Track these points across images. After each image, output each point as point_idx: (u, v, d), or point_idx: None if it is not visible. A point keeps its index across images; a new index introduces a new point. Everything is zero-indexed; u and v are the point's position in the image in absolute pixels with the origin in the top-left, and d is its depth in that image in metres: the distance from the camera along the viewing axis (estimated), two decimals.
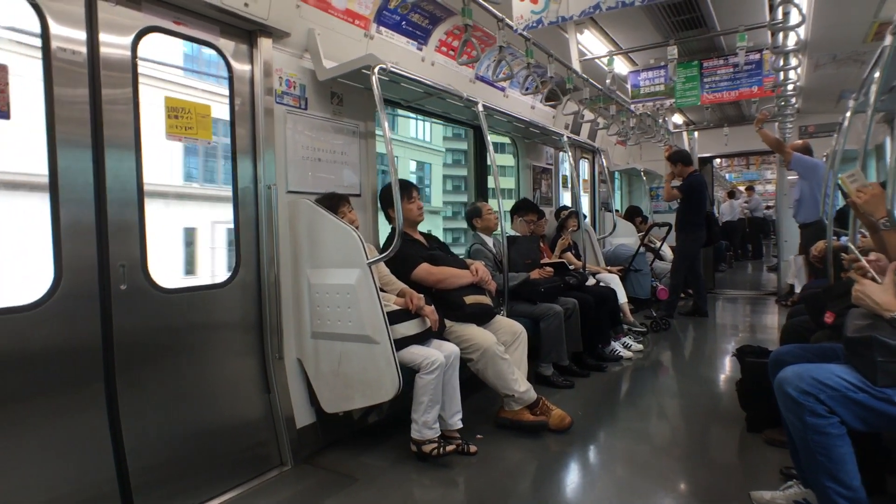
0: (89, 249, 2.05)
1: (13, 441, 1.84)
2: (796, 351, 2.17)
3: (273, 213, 2.65)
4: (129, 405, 2.14)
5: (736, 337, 5.31)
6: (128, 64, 2.18)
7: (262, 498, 2.36)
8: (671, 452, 2.74)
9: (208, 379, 2.46)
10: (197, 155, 10.78)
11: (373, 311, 2.49)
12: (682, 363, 4.60)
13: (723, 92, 5.99)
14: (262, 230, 2.67)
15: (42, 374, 1.91)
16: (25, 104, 1.97)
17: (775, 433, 2.69)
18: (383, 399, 2.53)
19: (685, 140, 8.54)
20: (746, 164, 16.76)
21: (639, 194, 9.20)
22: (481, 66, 4.43)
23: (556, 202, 6.14)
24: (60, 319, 1.96)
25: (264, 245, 2.67)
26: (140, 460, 2.14)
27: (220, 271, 13.32)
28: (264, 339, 2.68)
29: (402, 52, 3.62)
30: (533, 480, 2.52)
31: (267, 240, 2.66)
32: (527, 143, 5.48)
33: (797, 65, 4.37)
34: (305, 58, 2.91)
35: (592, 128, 6.45)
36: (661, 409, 3.43)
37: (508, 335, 3.14)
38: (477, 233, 4.04)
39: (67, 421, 1.97)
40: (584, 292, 4.26)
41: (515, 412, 2.97)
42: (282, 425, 2.64)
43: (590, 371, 4.05)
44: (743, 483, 2.34)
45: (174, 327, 2.33)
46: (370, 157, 3.34)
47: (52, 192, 1.96)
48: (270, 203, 2.65)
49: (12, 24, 2.37)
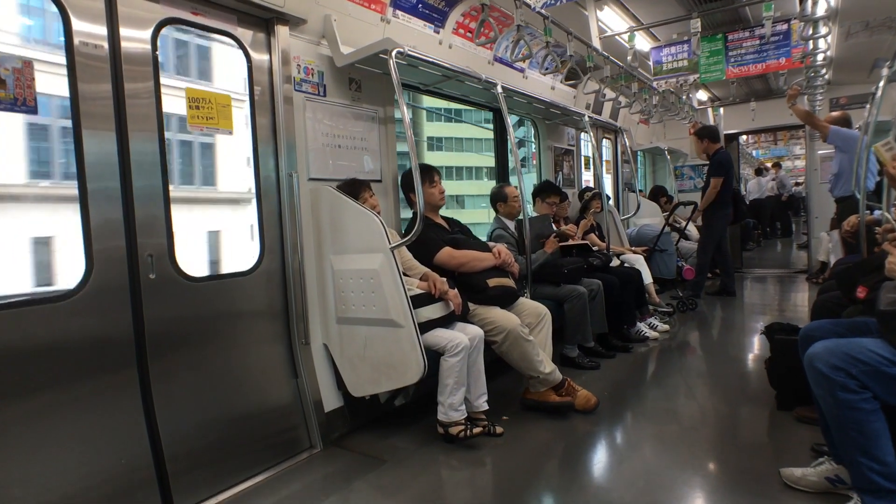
0: (118, 240, 2.10)
1: (52, 427, 1.90)
2: (827, 326, 2.12)
3: (295, 201, 2.67)
4: (163, 392, 2.20)
5: (764, 315, 5.21)
6: (148, 56, 2.21)
7: (294, 480, 2.41)
8: (699, 432, 2.72)
9: (237, 365, 2.51)
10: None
11: (396, 295, 2.51)
12: (709, 343, 4.54)
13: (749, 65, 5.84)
14: (284, 218, 2.70)
15: (78, 361, 1.97)
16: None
17: (806, 410, 2.65)
18: (409, 382, 2.55)
19: (710, 116, 8.35)
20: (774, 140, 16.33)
21: (663, 174, 9.03)
22: (499, 47, 4.38)
23: (579, 184, 6.08)
24: (93, 309, 2.01)
25: (287, 233, 2.70)
26: (175, 445, 2.20)
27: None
28: (290, 325, 2.73)
29: (420, 36, 3.60)
30: (560, 461, 2.53)
31: (290, 227, 2.69)
32: (547, 125, 5.42)
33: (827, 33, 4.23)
34: (323, 44, 2.91)
35: (614, 107, 6.34)
36: (688, 388, 3.40)
37: (532, 317, 3.13)
38: (499, 216, 4.03)
39: (103, 407, 2.04)
40: (608, 273, 4.23)
41: (541, 393, 2.97)
42: (310, 409, 2.69)
43: (615, 352, 4.02)
44: (773, 461, 2.31)
45: (202, 315, 2.38)
46: (390, 143, 3.34)
47: (80, 185, 2.00)
48: (292, 191, 2.67)
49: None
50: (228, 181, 11.81)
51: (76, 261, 2.00)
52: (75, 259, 2.00)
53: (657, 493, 2.14)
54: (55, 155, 8.72)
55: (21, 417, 1.83)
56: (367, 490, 2.29)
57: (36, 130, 8.59)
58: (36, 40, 5.19)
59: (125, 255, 2.12)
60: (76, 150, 1.99)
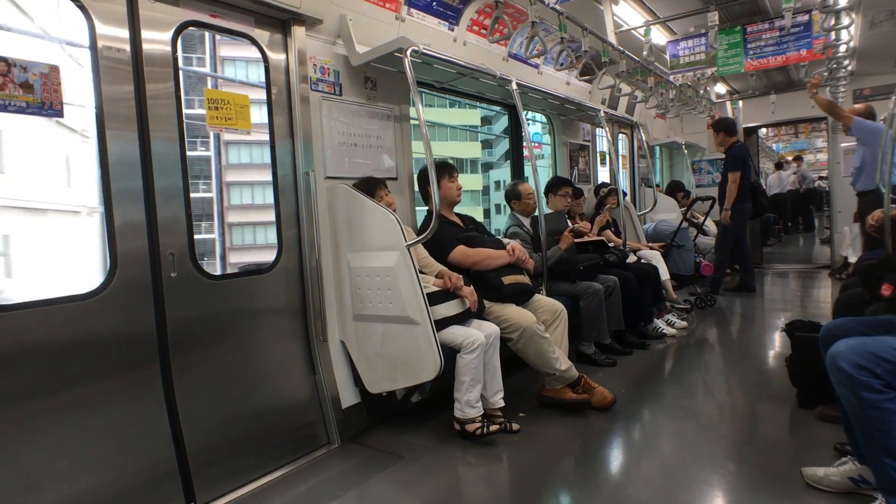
0: (140, 239, 2.14)
1: (79, 422, 1.95)
2: (849, 324, 2.09)
3: (312, 200, 2.70)
4: (184, 388, 2.24)
5: (785, 312, 5.14)
6: (168, 59, 2.25)
7: (313, 475, 2.44)
8: (718, 430, 2.70)
9: (256, 362, 2.55)
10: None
11: (412, 292, 2.52)
12: (728, 340, 4.49)
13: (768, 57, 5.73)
14: (302, 216, 2.73)
15: (103, 358, 2.02)
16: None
17: (828, 409, 2.61)
18: (425, 379, 2.57)
19: (729, 110, 8.23)
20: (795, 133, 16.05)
21: (680, 168, 8.93)
22: (514, 44, 4.36)
23: (594, 180, 6.04)
24: (117, 307, 2.06)
25: (305, 231, 2.73)
26: (197, 441, 2.24)
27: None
28: (308, 322, 2.76)
29: (434, 34, 3.60)
30: (576, 458, 2.53)
31: (307, 226, 2.72)
32: (562, 121, 5.39)
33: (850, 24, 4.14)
34: (338, 44, 2.93)
35: (630, 101, 6.28)
36: (707, 386, 3.37)
37: (548, 314, 3.13)
38: (514, 213, 4.02)
39: (128, 403, 2.08)
40: (624, 270, 4.20)
41: (557, 390, 2.97)
42: (328, 405, 2.72)
43: (632, 349, 4.00)
44: (794, 460, 2.28)
45: (222, 313, 2.42)
46: (405, 141, 3.36)
47: (104, 186, 2.04)
48: (309, 189, 2.70)
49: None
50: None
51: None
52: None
53: (675, 491, 2.13)
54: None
55: (50, 413, 1.88)
56: (384, 486, 2.32)
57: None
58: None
59: (147, 255, 2.16)
60: (100, 151, 2.03)
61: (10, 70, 1.78)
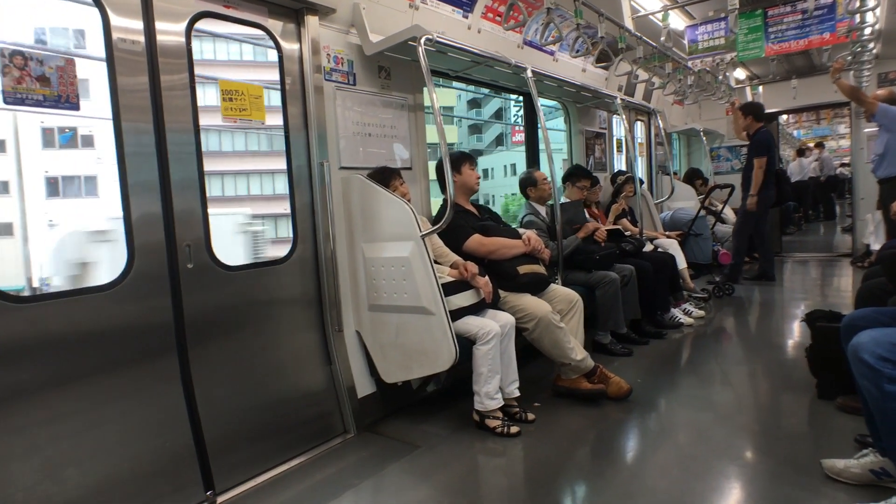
0: (157, 231, 2.16)
1: (98, 410, 1.99)
2: (871, 315, 2.05)
3: (327, 190, 2.70)
4: (202, 377, 2.27)
5: (805, 301, 5.05)
6: (182, 50, 2.25)
7: (329, 464, 2.47)
8: (735, 420, 2.67)
9: (273, 352, 2.57)
10: None
11: (427, 282, 2.52)
12: (746, 329, 4.44)
13: (790, 41, 5.60)
14: (317, 207, 2.73)
15: (122, 348, 2.05)
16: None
17: (849, 400, 2.57)
18: (440, 369, 2.57)
19: (748, 95, 8.07)
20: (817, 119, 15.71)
21: (698, 156, 8.79)
22: (529, 31, 4.31)
23: (611, 167, 5.97)
24: (135, 298, 2.08)
25: (320, 221, 2.73)
26: (214, 429, 2.27)
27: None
28: (324, 312, 2.77)
29: (448, 21, 3.57)
30: (592, 448, 2.53)
31: (322, 216, 2.72)
32: (578, 108, 5.33)
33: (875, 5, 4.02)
34: (352, 33, 2.91)
35: (647, 88, 6.19)
36: (724, 376, 3.34)
37: (564, 304, 3.11)
38: (530, 202, 4.00)
39: (146, 392, 2.11)
40: (641, 259, 4.16)
41: (573, 380, 2.96)
42: (344, 395, 2.74)
43: (649, 338, 3.97)
44: (813, 451, 2.26)
45: (239, 303, 2.44)
46: (419, 130, 3.34)
47: (121, 178, 2.06)
48: (324, 180, 2.70)
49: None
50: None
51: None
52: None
53: (692, 482, 2.11)
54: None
55: (72, 401, 1.92)
56: (400, 475, 2.33)
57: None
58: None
59: (164, 246, 2.18)
60: (116, 143, 2.05)
61: (27, 64, 1.79)
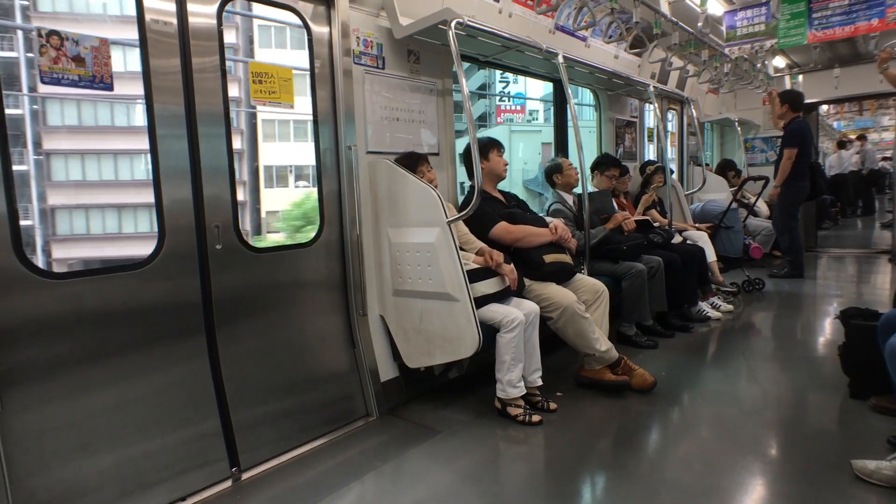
0: (187, 211, 2.20)
1: (130, 386, 2.04)
2: None
3: (354, 174, 2.71)
4: (229, 356, 2.32)
5: (839, 298, 4.91)
6: (214, 32, 2.27)
7: (352, 445, 2.50)
8: (762, 417, 2.62)
9: (298, 333, 2.60)
10: None
11: (452, 269, 2.52)
12: (776, 325, 4.33)
13: (835, 28, 5.37)
14: (343, 191, 2.74)
15: (152, 326, 2.10)
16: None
17: (883, 400, 2.50)
18: (464, 356, 2.58)
19: (788, 84, 7.81)
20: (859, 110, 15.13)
21: (732, 146, 8.56)
22: (561, 15, 4.22)
23: (641, 157, 5.86)
24: (165, 277, 2.13)
25: (346, 205, 2.74)
26: (240, 407, 2.32)
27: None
28: (348, 296, 2.79)
29: (479, 5, 3.52)
30: (614, 439, 2.51)
31: (348, 200, 2.73)
32: (609, 96, 5.23)
33: None
34: (382, 16, 2.90)
35: (681, 76, 6.04)
36: (751, 371, 3.27)
37: (590, 294, 3.08)
38: (556, 190, 3.95)
39: (175, 369, 2.17)
40: (669, 250, 4.09)
41: (596, 371, 2.94)
42: (367, 378, 2.76)
43: (675, 331, 3.91)
44: (843, 451, 2.20)
45: (265, 284, 2.47)
46: (448, 116, 3.32)
47: (153, 159, 2.10)
48: (351, 164, 2.70)
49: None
50: None
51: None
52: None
53: (715, 477, 2.08)
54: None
55: (105, 378, 1.98)
56: (421, 458, 2.35)
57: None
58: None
59: (193, 226, 2.22)
60: (148, 123, 2.08)
61: (63, 44, 1.83)
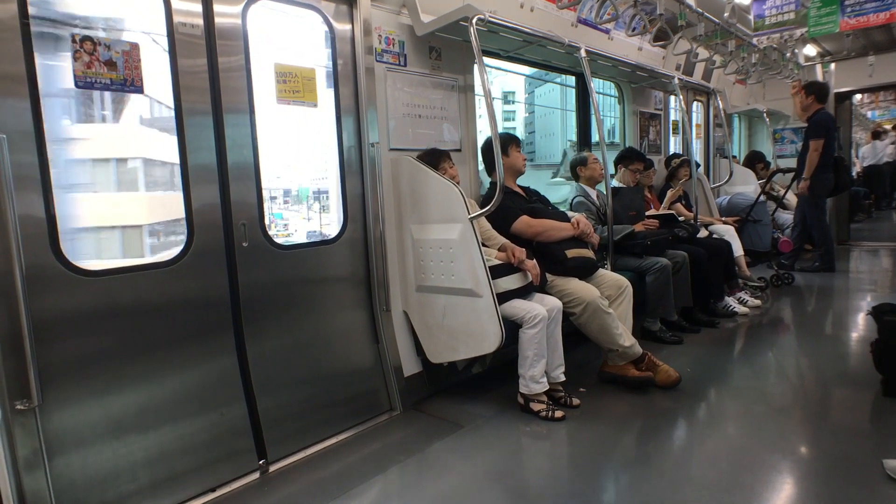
0: (215, 209, 2.24)
1: (162, 380, 2.10)
2: None
3: (377, 171, 2.73)
4: (256, 352, 2.36)
5: (872, 293, 4.79)
6: (239, 32, 2.31)
7: (376, 439, 2.54)
8: (791, 414, 2.58)
9: (322, 329, 2.64)
10: None
11: (475, 265, 2.53)
12: (805, 320, 4.25)
13: (869, 15, 5.19)
14: (366, 188, 2.77)
15: (182, 322, 2.16)
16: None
17: None
18: (486, 351, 2.59)
19: (819, 74, 7.59)
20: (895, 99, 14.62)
21: (760, 138, 8.38)
22: (584, 8, 4.18)
23: (666, 150, 5.78)
24: (194, 274, 2.18)
25: (369, 202, 2.77)
26: (267, 401, 2.37)
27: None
28: (372, 292, 2.82)
29: (500, 0, 3.51)
30: (638, 435, 2.49)
31: (371, 197, 2.76)
32: (633, 88, 5.16)
33: None
34: (403, 14, 2.91)
35: (707, 67, 5.92)
36: (779, 368, 3.22)
37: (613, 289, 3.06)
38: (580, 184, 3.93)
39: (205, 364, 2.22)
40: (695, 245, 4.03)
41: (620, 367, 2.92)
42: (390, 373, 2.79)
43: (701, 327, 3.87)
44: (875, 450, 2.16)
45: (291, 281, 2.51)
46: (469, 112, 3.32)
47: (181, 158, 2.15)
48: (374, 161, 2.73)
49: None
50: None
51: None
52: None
53: (742, 474, 2.06)
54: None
55: (137, 372, 2.04)
56: (444, 453, 2.38)
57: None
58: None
59: (221, 224, 2.26)
60: (177, 123, 2.13)
61: (96, 49, 1.88)
